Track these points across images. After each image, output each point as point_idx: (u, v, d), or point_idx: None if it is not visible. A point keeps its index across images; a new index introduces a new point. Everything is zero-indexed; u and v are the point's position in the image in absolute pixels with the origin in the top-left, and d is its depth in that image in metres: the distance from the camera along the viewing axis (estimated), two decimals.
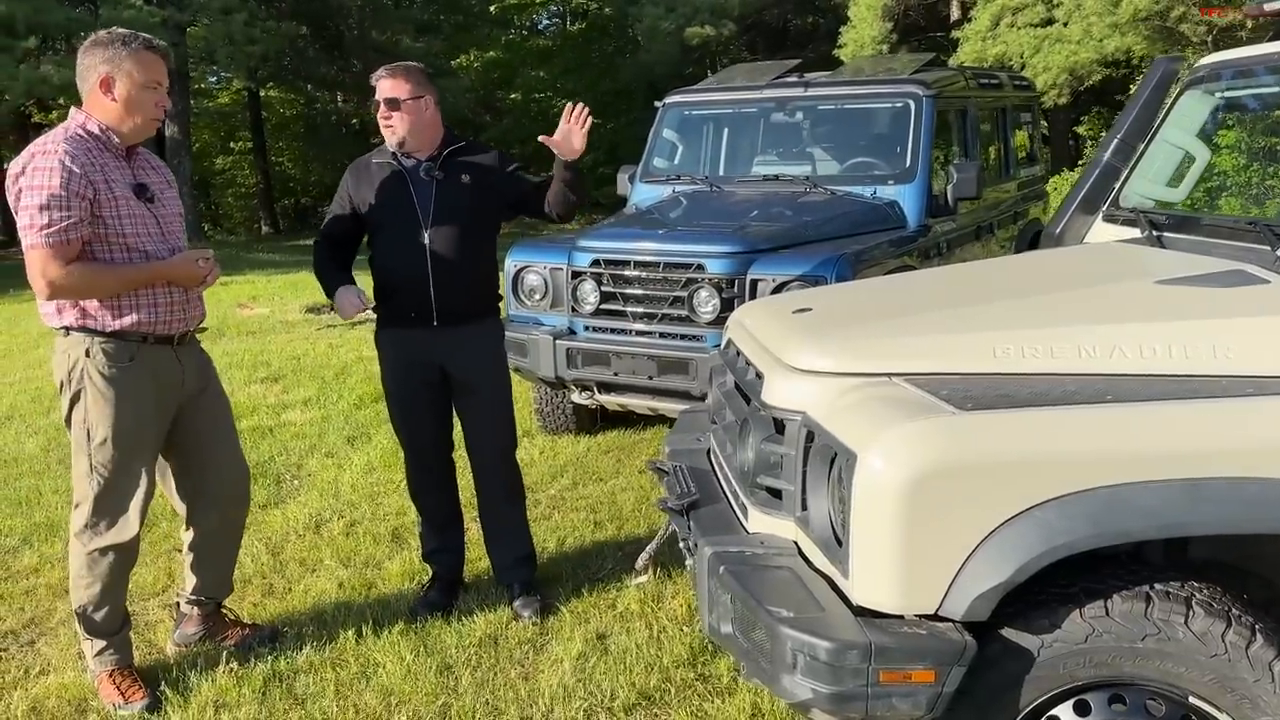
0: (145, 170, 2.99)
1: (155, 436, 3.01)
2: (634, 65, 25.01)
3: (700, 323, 4.57)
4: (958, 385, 2.14)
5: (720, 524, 2.54)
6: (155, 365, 2.95)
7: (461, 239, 3.38)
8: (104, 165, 2.80)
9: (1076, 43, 13.94)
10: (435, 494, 3.66)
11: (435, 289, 3.36)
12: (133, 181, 2.88)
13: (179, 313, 2.98)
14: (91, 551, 2.95)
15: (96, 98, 2.84)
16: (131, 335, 2.89)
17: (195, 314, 3.06)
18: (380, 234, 3.42)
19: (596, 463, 5.07)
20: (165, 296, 2.93)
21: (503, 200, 3.48)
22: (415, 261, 3.34)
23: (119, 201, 2.81)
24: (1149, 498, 1.89)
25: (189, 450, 3.13)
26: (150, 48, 2.88)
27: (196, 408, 3.11)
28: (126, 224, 2.84)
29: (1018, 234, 6.92)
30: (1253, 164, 5.12)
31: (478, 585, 3.71)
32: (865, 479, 1.96)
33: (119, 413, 2.88)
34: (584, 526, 4.23)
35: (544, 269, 5.03)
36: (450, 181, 3.38)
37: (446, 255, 3.35)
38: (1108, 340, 2.17)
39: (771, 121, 6.04)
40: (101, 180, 2.77)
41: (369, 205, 3.41)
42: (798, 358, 2.40)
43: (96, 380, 2.87)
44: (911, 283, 3.01)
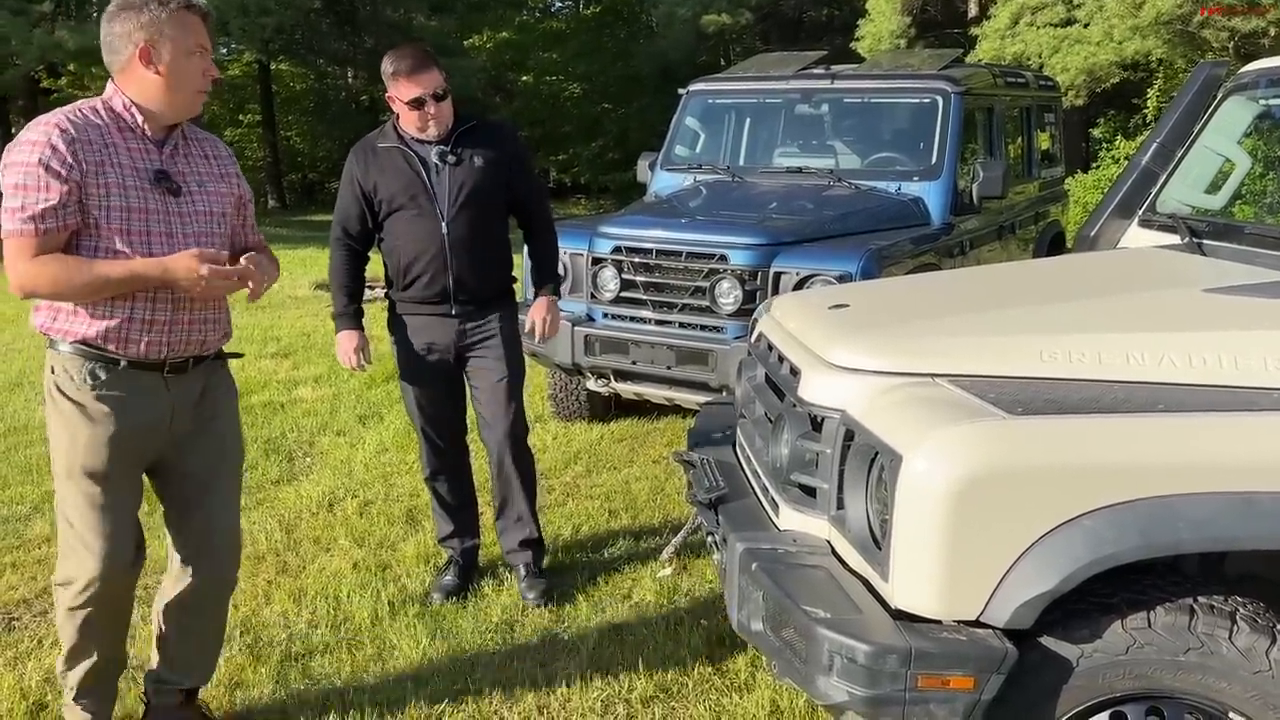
0: (187, 157, 2.46)
1: (127, 475, 2.43)
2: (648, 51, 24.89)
3: (721, 314, 4.53)
4: (1004, 388, 2.11)
5: (750, 520, 2.51)
6: (128, 396, 2.36)
7: (478, 224, 3.33)
8: (111, 145, 2.30)
9: (1096, 44, 13.85)
10: (449, 478, 3.63)
11: (454, 276, 3.32)
12: (154, 167, 2.36)
13: (173, 333, 2.38)
14: (69, 604, 2.44)
15: (135, 71, 2.33)
16: (99, 355, 2.35)
17: (206, 335, 2.47)
18: (395, 221, 3.34)
19: (610, 451, 5.04)
20: (149, 310, 2.34)
21: (510, 188, 3.44)
22: (433, 249, 3.30)
23: (121, 190, 2.29)
24: (1200, 510, 1.86)
25: (176, 495, 2.56)
26: (189, 7, 2.36)
27: (188, 449, 2.52)
28: (130, 218, 2.31)
29: (1038, 235, 6.88)
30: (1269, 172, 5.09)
31: (494, 570, 3.69)
32: (910, 481, 1.93)
33: (73, 444, 2.36)
34: (598, 515, 4.20)
35: (564, 254, 4.97)
36: (464, 165, 3.31)
37: (464, 241, 3.31)
38: (1157, 348, 2.14)
39: (795, 113, 5.98)
40: (99, 162, 2.27)
41: (382, 191, 3.33)
42: (837, 354, 2.37)
43: (58, 400, 2.38)
44: (950, 282, 2.97)
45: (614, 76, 26.09)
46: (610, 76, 26.27)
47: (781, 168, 5.71)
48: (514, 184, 3.43)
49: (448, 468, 3.62)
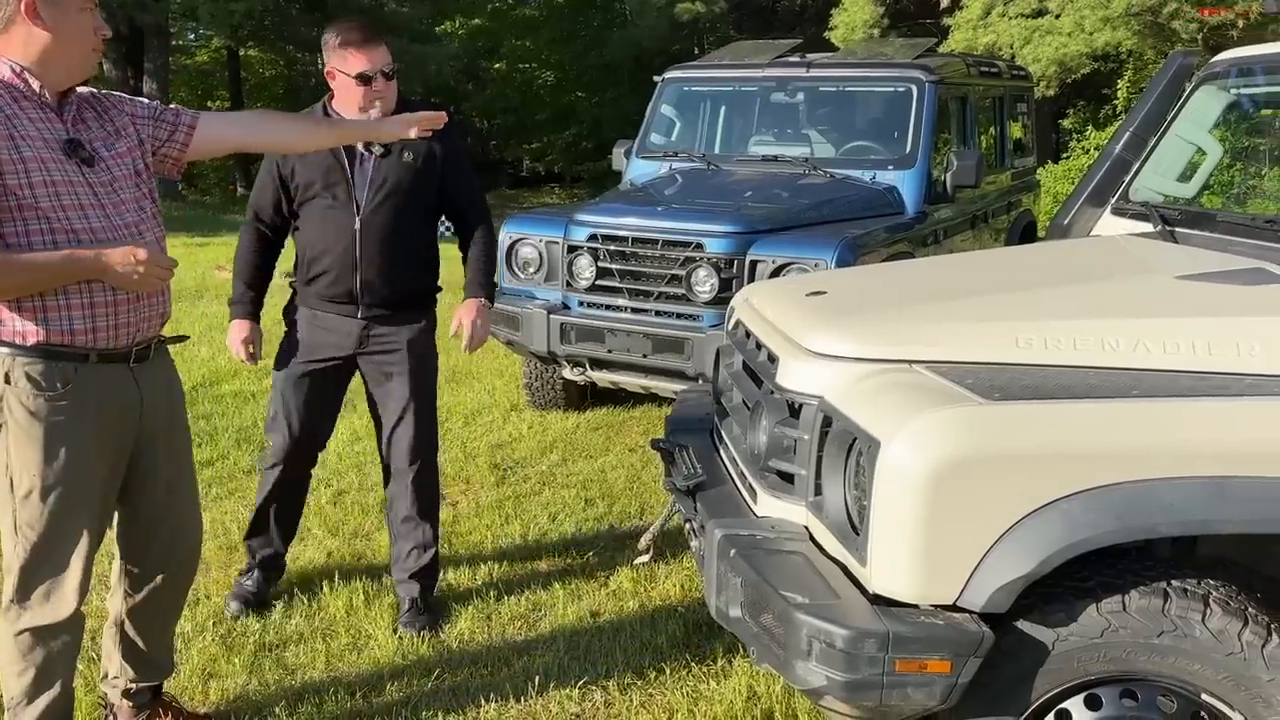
0: (88, 122, 2.24)
1: (102, 487, 2.29)
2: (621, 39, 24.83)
3: (697, 302, 4.53)
4: (981, 374, 2.12)
5: (728, 506, 2.51)
6: (101, 392, 2.22)
7: (398, 222, 3.07)
8: (13, 118, 2.09)
9: (1067, 35, 13.96)
10: (289, 482, 3.30)
11: (362, 277, 3.05)
12: (63, 137, 2.16)
13: (131, 313, 2.23)
14: (21, 632, 2.26)
15: (20, 30, 2.10)
16: (65, 352, 2.16)
17: (154, 316, 2.31)
18: (309, 210, 3.09)
19: (586, 439, 5.03)
20: (108, 293, 2.18)
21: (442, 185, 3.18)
22: (342, 245, 3.04)
23: (41, 165, 2.10)
24: (1174, 494, 1.88)
25: (144, 500, 2.41)
26: None
27: (160, 446, 2.39)
28: (60, 194, 2.12)
29: (1010, 224, 6.92)
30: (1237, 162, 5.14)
31: (469, 560, 3.67)
32: (889, 467, 1.93)
33: (49, 458, 2.16)
34: (575, 504, 4.19)
35: (539, 242, 4.96)
36: (393, 157, 3.05)
37: (379, 240, 3.04)
38: (1131, 334, 2.15)
39: (770, 101, 5.99)
40: (7, 136, 2.06)
41: (299, 176, 3.06)
42: (814, 341, 2.37)
43: (18, 414, 2.15)
44: (926, 269, 2.98)
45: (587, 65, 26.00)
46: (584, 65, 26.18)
47: (757, 156, 5.71)
48: (447, 180, 3.18)
49: (293, 470, 3.29)
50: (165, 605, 2.58)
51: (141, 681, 2.59)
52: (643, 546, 2.84)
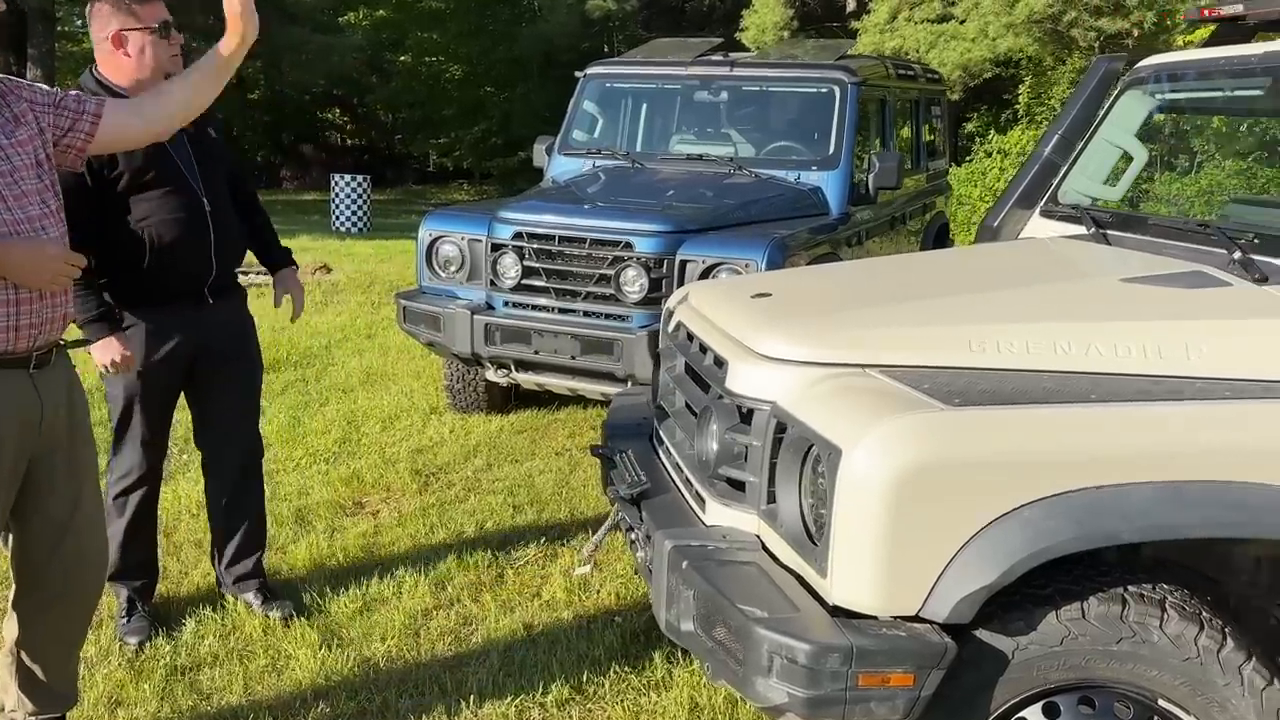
0: None
1: None
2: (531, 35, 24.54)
3: (627, 302, 4.44)
4: (937, 379, 2.08)
5: (676, 515, 2.43)
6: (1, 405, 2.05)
7: (229, 201, 3.01)
8: None
9: (971, 41, 14.28)
10: (146, 499, 3.10)
11: (217, 262, 2.93)
12: None
13: (32, 315, 2.05)
14: None
15: None
16: None
17: (57, 319, 2.14)
18: (145, 200, 2.82)
19: (511, 443, 4.90)
20: (7, 292, 2.01)
21: None
22: (198, 231, 2.87)
23: None
24: (1133, 500, 1.87)
25: (42, 518, 2.23)
26: None
27: (60, 459, 2.22)
28: None
29: (925, 226, 7.02)
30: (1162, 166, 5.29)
31: (392, 573, 3.51)
32: (850, 475, 1.88)
33: None
34: (502, 510, 4.06)
35: (461, 239, 4.81)
36: (201, 137, 2.94)
37: (225, 222, 2.96)
38: (1083, 338, 2.14)
39: (693, 100, 5.93)
40: None
41: (123, 165, 2.76)
42: (765, 344, 2.30)
43: None
44: (870, 272, 2.95)
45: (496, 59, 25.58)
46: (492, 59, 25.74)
47: (681, 154, 5.65)
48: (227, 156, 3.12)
49: (154, 484, 3.11)
50: (66, 630, 2.39)
51: (41, 714, 2.40)
52: (585, 557, 2.74)
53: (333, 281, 9.48)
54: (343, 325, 7.47)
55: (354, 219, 15.21)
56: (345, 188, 15.37)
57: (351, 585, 3.40)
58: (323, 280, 9.56)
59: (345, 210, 15.26)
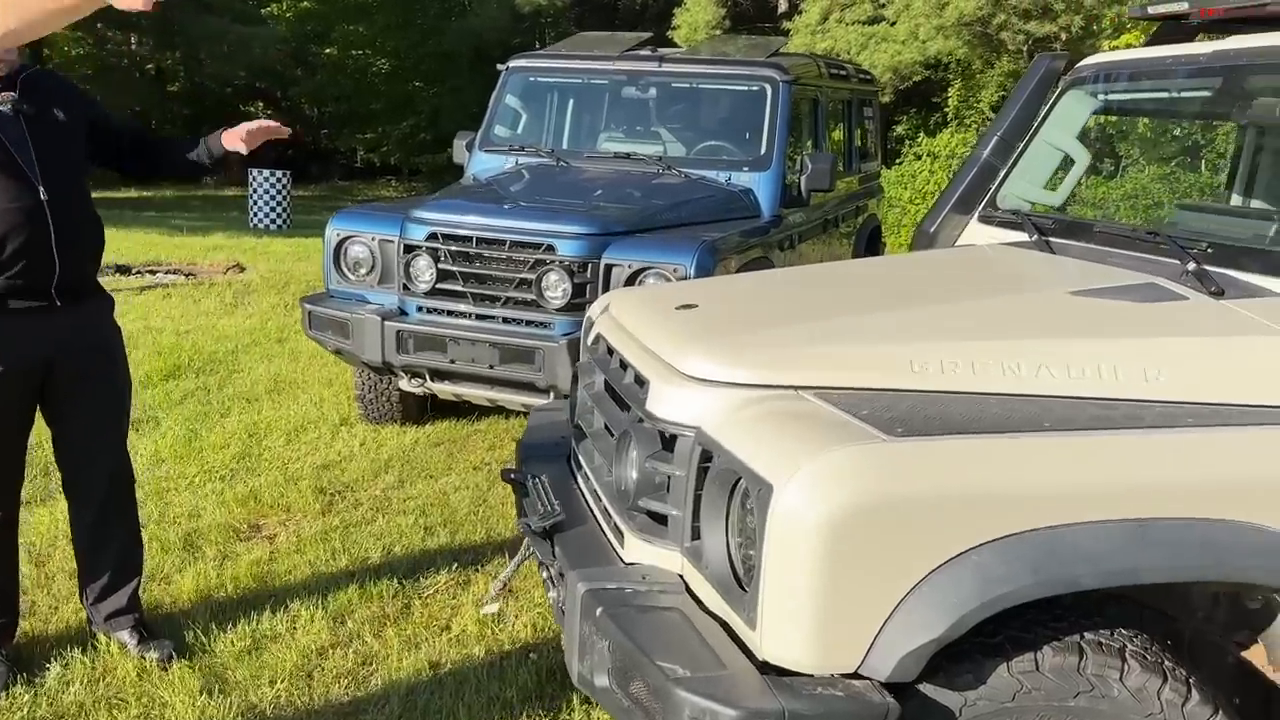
0: None
1: None
2: (460, 29, 24.15)
3: (548, 308, 4.19)
4: (875, 403, 1.88)
5: (591, 551, 2.20)
6: None
7: (77, 193, 2.72)
8: None
9: (902, 43, 14.32)
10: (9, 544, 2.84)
11: (60, 259, 2.64)
12: None
13: None
14: None
15: None
16: None
17: None
18: None
19: (426, 457, 4.61)
20: None
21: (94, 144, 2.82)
22: (33, 225, 2.58)
23: None
24: (1095, 541, 1.69)
25: None
26: None
27: None
28: None
29: (858, 229, 6.89)
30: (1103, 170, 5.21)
31: (285, 607, 3.21)
32: (782, 516, 1.67)
33: None
34: (413, 532, 3.78)
35: (372, 240, 4.51)
36: (43, 118, 2.65)
37: (68, 215, 2.66)
38: (1033, 357, 1.96)
39: (621, 96, 5.70)
40: None
41: None
42: (689, 363, 2.08)
43: None
44: (802, 282, 2.75)
45: (425, 54, 25.09)
46: (421, 53, 25.24)
47: (608, 153, 5.41)
48: (105, 129, 2.84)
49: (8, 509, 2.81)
50: None
51: None
52: (492, 595, 2.50)
53: (245, 281, 9.04)
54: (252, 329, 7.08)
55: (273, 216, 14.69)
56: (264, 184, 14.83)
57: (241, 620, 3.10)
58: (234, 280, 9.12)
59: (263, 207, 14.73)
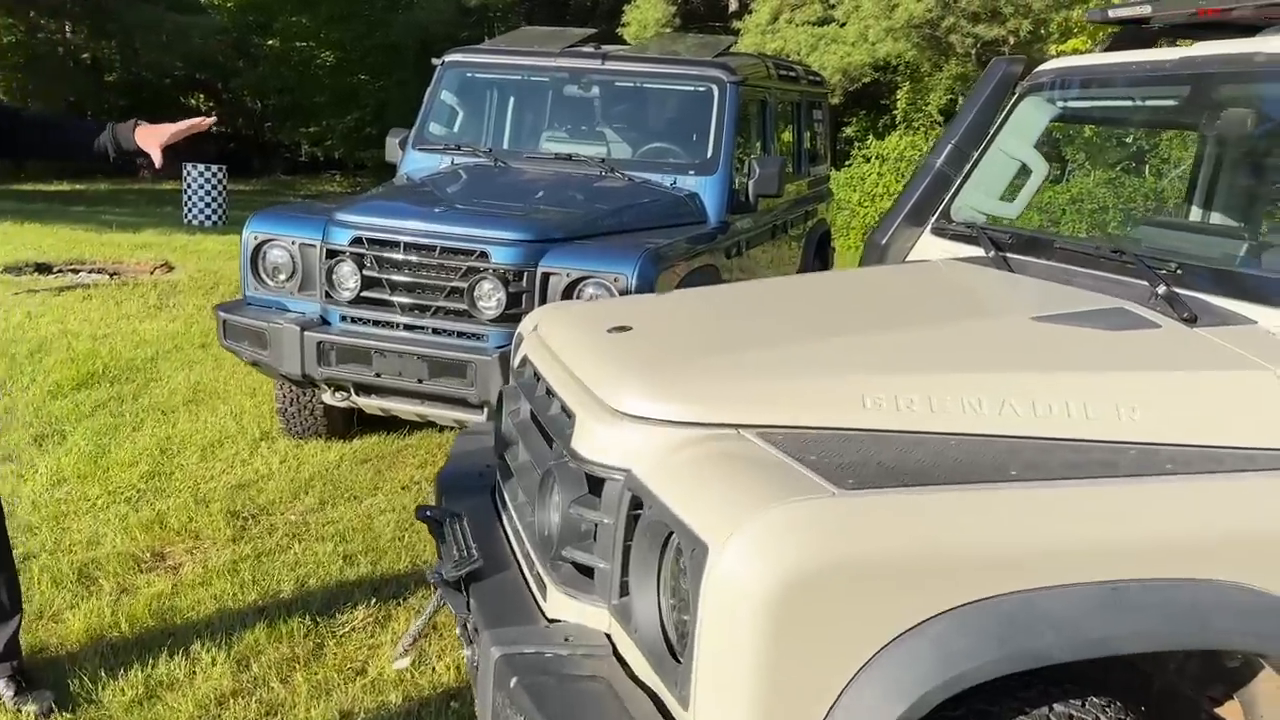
0: None
1: None
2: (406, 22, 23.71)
3: (482, 319, 3.95)
4: (825, 446, 1.69)
5: (509, 605, 1.98)
6: None
7: None
8: None
9: (851, 44, 14.25)
10: None
11: None
12: None
13: None
14: None
15: None
16: None
17: None
18: None
19: (351, 476, 4.34)
20: None
21: None
22: None
23: None
24: (1065, 606, 1.51)
25: None
26: None
27: None
28: None
29: (807, 233, 6.73)
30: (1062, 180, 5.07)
31: (185, 647, 2.94)
32: (719, 582, 1.46)
33: None
34: (330, 562, 3.51)
35: (292, 244, 4.23)
36: None
37: None
38: (995, 393, 1.78)
39: (563, 94, 5.47)
40: None
41: None
42: (620, 397, 1.87)
43: None
44: (744, 302, 2.54)
45: (370, 46, 24.57)
46: (366, 46, 24.72)
47: (550, 153, 5.18)
48: None
49: None
50: None
51: None
52: (402, 649, 2.27)
53: (172, 282, 8.65)
54: (175, 333, 6.73)
55: (208, 212, 14.20)
56: (199, 178, 14.33)
57: (135, 664, 2.83)
58: (161, 280, 8.72)
59: (198, 203, 14.23)
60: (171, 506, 3.87)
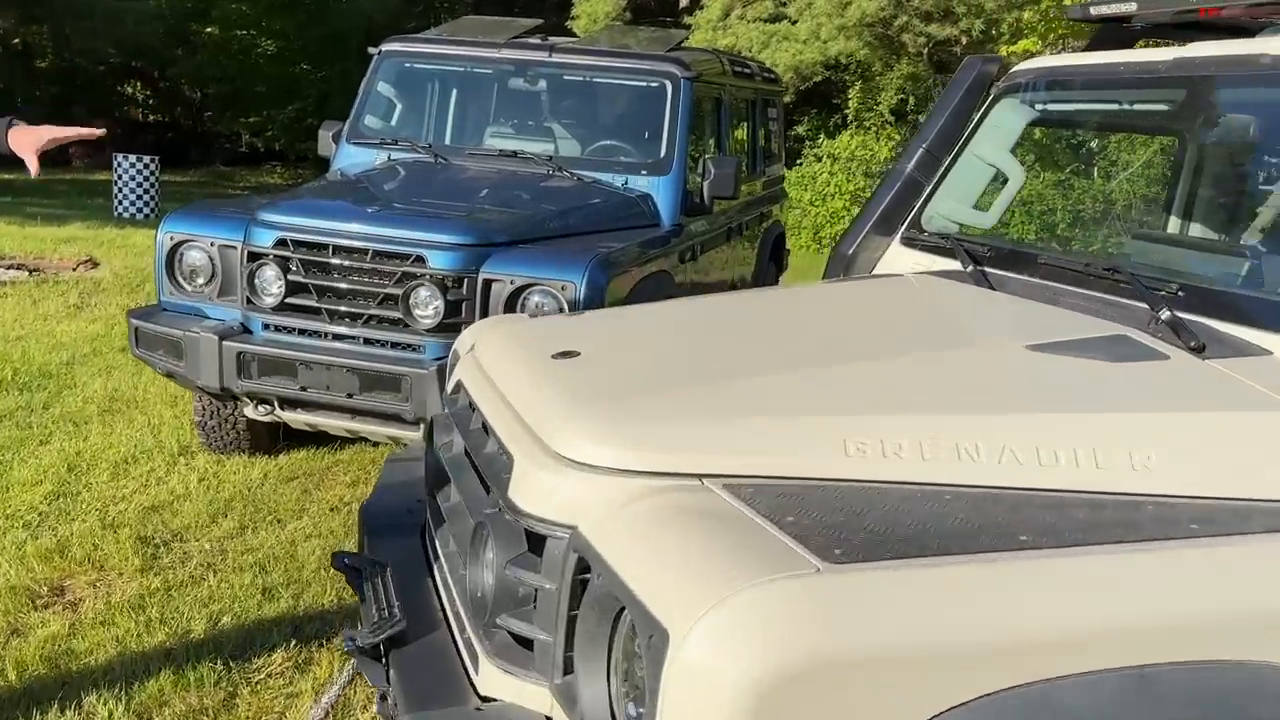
0: None
1: None
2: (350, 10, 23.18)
3: (418, 329, 3.66)
4: (804, 502, 1.45)
5: (435, 680, 1.72)
6: None
7: None
8: None
9: (803, 42, 14.09)
10: None
11: None
12: None
13: None
14: None
15: None
16: None
17: None
18: None
19: (275, 496, 4.02)
20: None
21: None
22: None
23: None
24: (1090, 700, 1.29)
25: None
26: None
27: None
28: None
29: (762, 235, 6.52)
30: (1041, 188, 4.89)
31: (76, 698, 2.63)
32: (684, 677, 1.22)
33: None
34: (248, 595, 3.21)
35: (210, 245, 3.90)
36: None
37: None
38: (994, 437, 1.56)
39: (509, 88, 5.18)
40: None
41: None
42: (564, 439, 1.62)
43: None
44: (705, 322, 2.30)
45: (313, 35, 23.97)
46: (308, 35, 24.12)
47: (494, 150, 4.89)
48: None
49: None
50: None
51: None
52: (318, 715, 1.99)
53: (95, 279, 8.19)
54: (95, 335, 6.32)
55: (139, 204, 13.62)
56: (130, 169, 13.74)
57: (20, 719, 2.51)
58: (84, 278, 8.25)
59: (129, 194, 13.65)
60: (76, 532, 3.53)
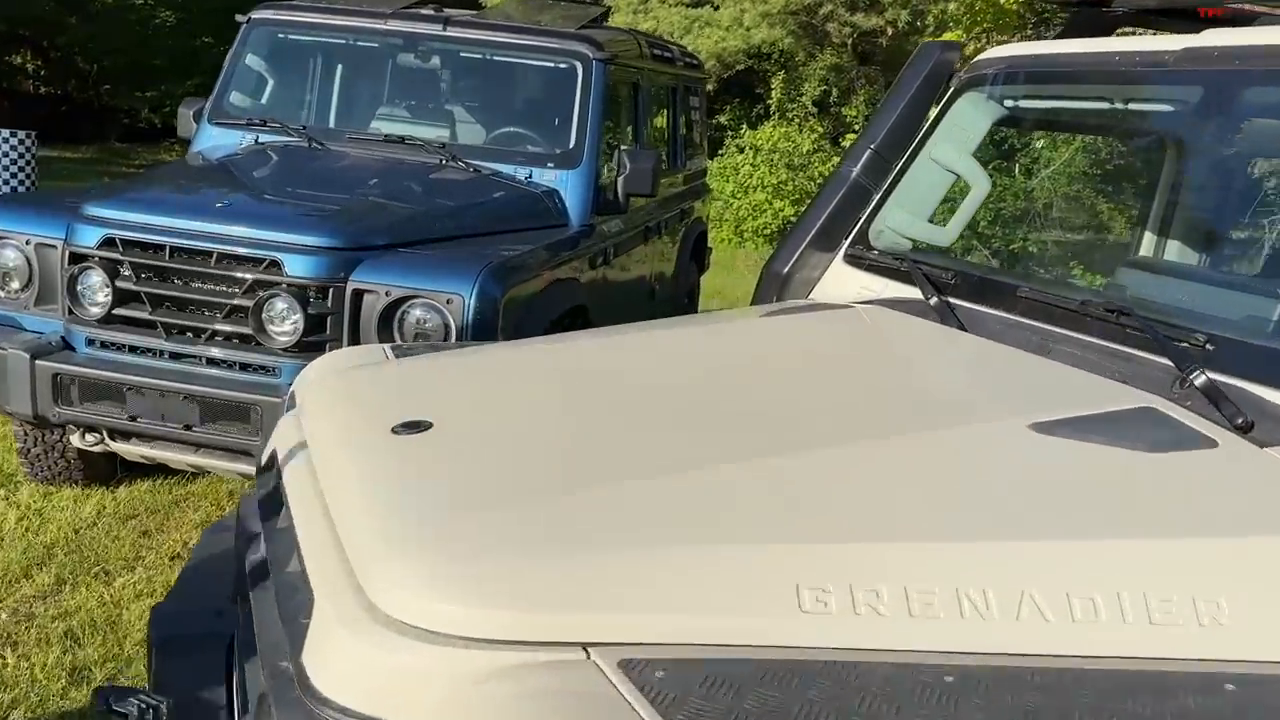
0: None
1: None
2: None
3: (273, 347, 3.06)
4: (742, 695, 0.96)
5: None
6: None
7: None
8: None
9: (726, 29, 13.69)
10: None
11: None
12: None
13: None
14: None
15: None
16: None
17: None
18: None
19: (106, 539, 3.39)
20: None
21: None
22: None
23: None
24: None
25: None
26: None
27: None
28: None
29: (683, 235, 6.04)
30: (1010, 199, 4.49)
31: None
32: None
33: None
34: (49, 679, 2.60)
35: (26, 244, 3.24)
36: None
37: None
38: (1008, 579, 1.10)
39: (399, 65, 4.59)
40: None
41: None
42: (386, 584, 1.10)
43: None
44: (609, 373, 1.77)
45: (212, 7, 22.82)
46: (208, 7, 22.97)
47: (379, 135, 4.30)
48: None
49: None
50: None
51: None
52: None
53: None
54: None
55: (13, 184, 12.55)
56: (2, 144, 12.67)
57: None
58: None
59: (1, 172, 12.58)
60: None
